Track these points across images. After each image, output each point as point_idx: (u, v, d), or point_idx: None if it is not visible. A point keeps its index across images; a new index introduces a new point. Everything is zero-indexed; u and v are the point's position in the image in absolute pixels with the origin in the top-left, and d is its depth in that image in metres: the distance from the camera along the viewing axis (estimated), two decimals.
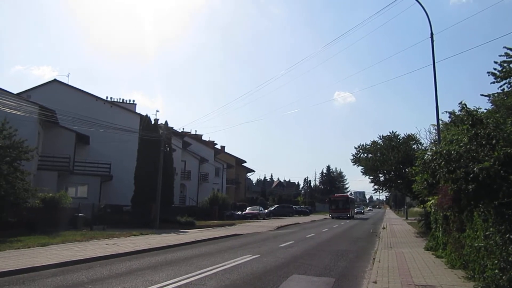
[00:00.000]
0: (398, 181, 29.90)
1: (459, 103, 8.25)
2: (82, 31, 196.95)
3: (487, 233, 6.83)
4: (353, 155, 32.55)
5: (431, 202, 13.89)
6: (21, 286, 8.02)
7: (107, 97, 37.53)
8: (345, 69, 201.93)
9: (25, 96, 29.00)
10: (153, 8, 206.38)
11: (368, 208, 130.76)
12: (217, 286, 8.17)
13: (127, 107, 37.82)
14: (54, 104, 26.78)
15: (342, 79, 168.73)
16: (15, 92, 27.96)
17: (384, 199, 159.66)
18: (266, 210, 52.61)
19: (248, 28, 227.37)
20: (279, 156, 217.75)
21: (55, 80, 35.27)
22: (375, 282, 8.09)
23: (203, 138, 58.39)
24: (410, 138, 28.80)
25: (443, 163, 7.88)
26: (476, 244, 7.55)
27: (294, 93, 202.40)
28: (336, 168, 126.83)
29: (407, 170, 24.73)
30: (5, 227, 17.41)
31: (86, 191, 29.72)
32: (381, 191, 39.64)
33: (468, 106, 8.08)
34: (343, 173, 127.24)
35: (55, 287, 7.99)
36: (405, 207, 61.30)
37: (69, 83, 36.10)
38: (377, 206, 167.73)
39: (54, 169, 27.90)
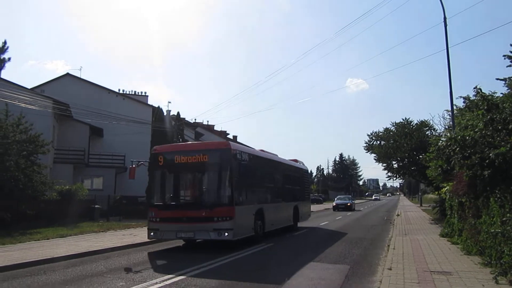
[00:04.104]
0: (412, 168, 29.63)
1: (474, 88, 8.13)
2: (94, 24, 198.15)
3: (504, 219, 6.76)
4: (366, 143, 32.30)
5: (446, 188, 13.76)
6: (42, 276, 8.24)
7: (119, 90, 37.77)
8: (358, 56, 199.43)
9: (39, 91, 29.40)
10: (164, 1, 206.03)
11: (374, 196, 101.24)
12: (234, 272, 8.26)
13: (139, 99, 37.98)
14: (68, 98, 27.11)
15: (355, 65, 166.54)
16: (29, 86, 28.42)
17: (398, 186, 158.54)
18: None
19: (259, 17, 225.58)
20: (291, 145, 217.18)
21: (68, 74, 35.58)
22: (390, 269, 8.08)
23: (215, 128, 58.42)
24: (424, 124, 28.40)
25: (457, 149, 7.80)
26: (493, 230, 7.47)
27: (307, 80, 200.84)
28: (349, 156, 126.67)
29: (421, 156, 24.51)
30: (25, 219, 17.79)
31: (101, 183, 30.17)
32: (394, 178, 39.37)
33: (483, 91, 7.94)
34: (356, 161, 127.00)
35: (75, 276, 8.19)
36: (420, 193, 60.94)
37: (82, 77, 36.44)
38: (388, 194, 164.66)
39: (70, 162, 28.38)
